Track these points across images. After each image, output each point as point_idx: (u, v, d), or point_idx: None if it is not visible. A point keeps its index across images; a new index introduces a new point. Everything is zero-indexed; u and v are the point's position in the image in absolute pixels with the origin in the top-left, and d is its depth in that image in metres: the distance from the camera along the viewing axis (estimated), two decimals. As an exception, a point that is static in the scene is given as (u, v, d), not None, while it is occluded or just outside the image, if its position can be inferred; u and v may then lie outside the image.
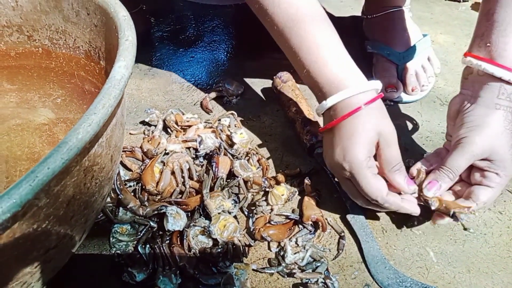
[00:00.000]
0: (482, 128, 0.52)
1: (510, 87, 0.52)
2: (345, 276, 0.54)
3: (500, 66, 0.51)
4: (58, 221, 0.41)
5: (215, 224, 0.56)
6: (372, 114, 0.53)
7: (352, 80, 0.54)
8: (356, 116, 0.53)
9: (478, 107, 0.54)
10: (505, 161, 0.52)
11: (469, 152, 0.53)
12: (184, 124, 0.72)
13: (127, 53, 0.46)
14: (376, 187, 0.52)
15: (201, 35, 1.00)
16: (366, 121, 0.52)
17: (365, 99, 0.53)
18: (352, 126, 0.53)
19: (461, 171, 0.54)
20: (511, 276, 0.54)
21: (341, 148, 0.53)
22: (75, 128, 0.37)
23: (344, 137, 0.53)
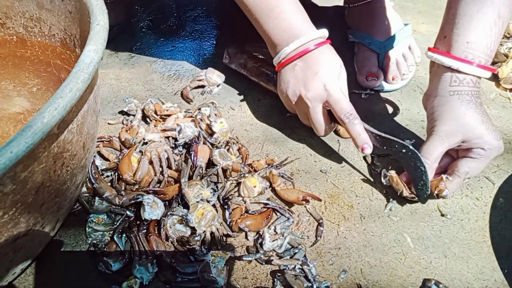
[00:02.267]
0: (444, 115, 0.57)
1: (461, 75, 0.56)
2: (322, 262, 0.54)
3: (449, 56, 0.56)
4: (27, 209, 0.40)
5: (193, 213, 0.55)
6: (328, 51, 0.62)
7: (306, 29, 0.61)
8: (315, 54, 0.61)
9: (437, 99, 0.58)
10: (482, 136, 0.55)
11: (438, 139, 0.57)
12: (164, 113, 0.71)
13: (97, 37, 0.45)
14: (349, 103, 0.60)
15: (183, 24, 0.99)
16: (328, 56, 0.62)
17: (316, 42, 0.61)
18: (317, 61, 0.61)
19: (435, 157, 0.58)
20: (486, 261, 0.55)
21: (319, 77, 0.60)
22: (40, 112, 0.36)
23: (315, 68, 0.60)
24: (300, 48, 0.61)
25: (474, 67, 0.55)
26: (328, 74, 0.60)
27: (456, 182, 0.58)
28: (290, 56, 0.62)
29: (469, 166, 0.57)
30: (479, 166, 0.57)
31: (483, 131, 0.55)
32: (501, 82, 0.82)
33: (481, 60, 0.55)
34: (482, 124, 0.55)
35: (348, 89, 0.80)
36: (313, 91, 0.60)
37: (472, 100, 0.55)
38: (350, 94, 0.80)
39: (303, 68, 0.61)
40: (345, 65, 0.86)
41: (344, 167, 0.66)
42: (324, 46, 0.62)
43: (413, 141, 0.70)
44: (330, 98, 0.60)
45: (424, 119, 0.74)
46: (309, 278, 0.51)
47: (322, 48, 0.61)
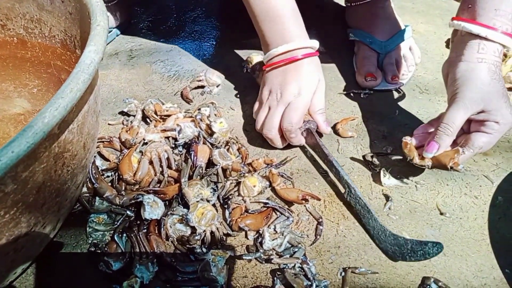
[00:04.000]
0: (471, 81, 0.55)
1: (489, 43, 0.55)
2: (322, 261, 0.54)
3: (477, 23, 0.55)
4: (28, 208, 0.40)
5: (193, 212, 0.56)
6: (312, 64, 0.64)
7: (297, 36, 0.64)
8: (300, 63, 0.63)
9: (462, 64, 0.57)
10: (500, 109, 0.55)
11: (462, 105, 0.55)
12: (163, 113, 0.71)
13: (98, 38, 0.45)
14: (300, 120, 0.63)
15: (183, 25, 0.99)
16: (310, 68, 0.64)
17: (305, 52, 0.63)
18: (299, 69, 0.63)
19: (457, 125, 0.56)
20: (484, 259, 0.55)
21: (297, 82, 0.63)
22: (41, 112, 0.36)
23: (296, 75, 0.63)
24: (288, 54, 0.64)
25: (502, 34, 0.54)
26: (306, 84, 0.63)
27: (468, 156, 0.57)
28: (278, 60, 0.65)
29: (483, 141, 0.56)
30: (492, 141, 0.57)
31: (502, 103, 0.55)
32: (499, 81, 0.82)
33: (508, 28, 0.55)
34: (502, 97, 0.55)
35: (348, 89, 0.81)
36: (287, 91, 0.63)
37: (497, 71, 0.55)
38: (350, 94, 0.80)
39: (285, 72, 0.64)
40: (345, 64, 0.87)
41: (344, 166, 0.67)
42: (311, 58, 0.64)
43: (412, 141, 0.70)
44: (292, 102, 0.63)
45: (423, 118, 0.75)
46: (308, 276, 0.51)
47: (308, 60, 0.64)
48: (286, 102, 0.64)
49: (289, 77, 0.64)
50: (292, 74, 0.64)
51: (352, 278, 0.53)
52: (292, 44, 0.63)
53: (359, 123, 0.74)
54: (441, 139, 0.57)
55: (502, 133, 0.57)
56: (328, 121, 0.67)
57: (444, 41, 0.95)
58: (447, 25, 1.00)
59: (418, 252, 0.53)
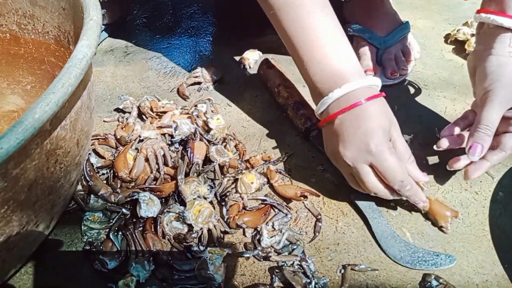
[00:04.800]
0: (504, 77, 0.53)
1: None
2: (321, 258, 0.54)
3: (508, 16, 0.53)
4: (19, 206, 0.39)
5: (190, 210, 0.55)
6: (377, 106, 0.52)
7: (352, 74, 0.53)
8: (364, 106, 0.51)
9: (493, 58, 0.55)
10: None
11: (498, 103, 0.53)
12: (159, 110, 0.70)
13: (90, 33, 0.44)
14: (402, 168, 0.51)
15: (179, 21, 0.98)
16: (376, 110, 0.52)
17: (367, 94, 0.52)
18: (364, 113, 0.51)
19: (496, 124, 0.54)
20: (485, 255, 0.54)
21: (363, 132, 0.51)
22: (32, 108, 0.35)
23: (361, 122, 0.51)
24: (346, 98, 0.52)
25: None
26: (374, 131, 0.50)
27: (500, 158, 0.55)
28: (336, 111, 0.53)
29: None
30: None
31: None
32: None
33: None
34: None
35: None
36: (352, 150, 0.52)
37: None
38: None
39: (344, 122, 0.52)
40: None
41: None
42: (377, 100, 0.53)
43: (411, 136, 0.69)
44: (375, 160, 0.51)
45: (422, 114, 0.74)
46: (307, 274, 0.51)
47: (373, 102, 0.52)
48: (362, 160, 0.51)
49: (350, 127, 0.52)
50: (354, 123, 0.51)
51: (352, 275, 0.52)
52: (349, 86, 0.52)
53: (357, 119, 0.73)
54: (483, 140, 0.54)
55: None
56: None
57: (443, 37, 0.94)
58: (446, 20, 1.00)
59: (429, 261, 0.53)
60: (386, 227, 0.56)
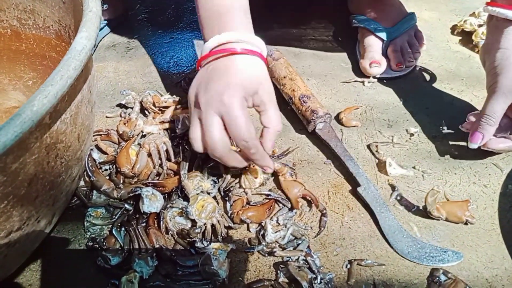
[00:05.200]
0: (507, 69, 0.54)
1: None
2: (326, 253, 0.53)
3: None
4: (19, 202, 0.39)
5: (193, 205, 0.54)
6: (252, 64, 0.50)
7: (238, 27, 0.52)
8: (236, 57, 0.49)
9: (500, 52, 0.56)
10: None
11: (501, 95, 0.55)
12: (162, 105, 0.70)
13: (90, 24, 0.43)
14: (249, 128, 0.48)
15: (181, 16, 0.97)
16: (247, 66, 0.49)
17: (246, 47, 0.50)
18: (233, 65, 0.49)
19: (499, 115, 0.56)
20: (495, 249, 0.53)
21: (223, 83, 0.48)
22: (29, 100, 0.34)
23: (227, 73, 0.49)
24: (225, 45, 0.50)
25: None
26: (233, 85, 0.47)
27: None
28: (208, 52, 0.51)
29: None
30: None
31: None
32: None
33: None
34: None
35: (351, 77, 0.79)
36: (208, 96, 0.48)
37: None
38: (353, 82, 0.78)
39: (213, 69, 0.50)
40: (347, 52, 0.84)
41: (348, 156, 0.65)
42: (254, 57, 0.50)
43: (417, 129, 0.68)
44: (226, 112, 0.47)
45: (428, 106, 0.73)
46: (313, 269, 0.50)
47: (249, 57, 0.50)
48: (214, 108, 0.47)
49: (215, 74, 0.49)
50: (221, 71, 0.49)
51: (358, 270, 0.51)
52: (229, 34, 0.50)
53: (363, 112, 0.72)
54: (484, 129, 0.57)
55: None
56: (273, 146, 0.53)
57: (449, 28, 0.92)
58: (452, 11, 0.98)
59: (437, 257, 0.52)
60: (393, 222, 0.55)
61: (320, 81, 0.78)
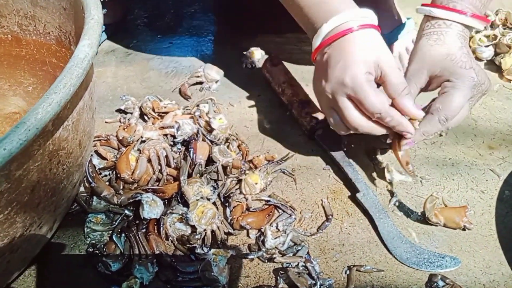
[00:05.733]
0: (411, 57, 0.57)
1: (434, 20, 0.55)
2: (326, 259, 0.53)
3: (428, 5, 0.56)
4: (22, 208, 0.39)
5: (193, 211, 0.54)
6: (369, 38, 0.51)
7: (344, 7, 0.52)
8: (351, 36, 0.50)
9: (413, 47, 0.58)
10: (446, 67, 0.53)
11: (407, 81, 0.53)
12: (161, 110, 0.70)
13: (91, 32, 0.44)
14: (380, 99, 0.49)
15: (180, 21, 0.97)
16: (364, 41, 0.50)
17: (361, 23, 0.50)
18: (349, 44, 0.50)
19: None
20: (492, 254, 0.53)
21: (342, 65, 0.49)
22: (34, 108, 0.35)
23: (344, 54, 0.50)
24: (339, 28, 0.50)
25: (447, 11, 0.53)
26: (353, 63, 0.49)
27: (429, 122, 0.53)
28: (325, 40, 0.52)
29: (439, 101, 0.53)
30: (449, 100, 0.52)
31: (447, 62, 0.52)
32: (504, 74, 0.81)
33: (457, 5, 0.53)
34: (446, 56, 0.52)
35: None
36: (332, 82, 0.50)
37: (440, 38, 0.53)
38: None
39: (330, 55, 0.51)
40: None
41: (346, 162, 0.65)
42: (368, 30, 0.51)
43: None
44: (353, 92, 0.49)
45: (427, 111, 0.73)
46: (312, 275, 0.50)
47: (364, 31, 0.50)
48: (340, 91, 0.50)
49: (333, 61, 0.50)
50: (336, 57, 0.50)
51: (357, 276, 0.51)
52: (340, 17, 0.50)
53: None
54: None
55: (463, 91, 0.51)
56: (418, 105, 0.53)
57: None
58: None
59: (435, 263, 0.52)
60: (392, 228, 0.55)
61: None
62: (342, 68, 0.49)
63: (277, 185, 0.62)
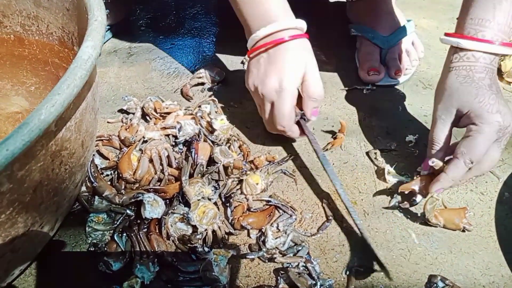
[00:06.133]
0: (440, 93, 0.57)
1: (462, 52, 0.55)
2: (326, 260, 0.53)
3: (453, 35, 0.56)
4: (24, 208, 0.39)
5: (194, 211, 0.55)
6: (300, 47, 0.58)
7: (281, 16, 0.58)
8: (285, 46, 0.57)
9: (439, 80, 0.59)
10: (473, 109, 0.53)
11: (437, 118, 0.57)
12: (163, 111, 0.70)
13: (95, 33, 0.44)
14: (290, 116, 0.59)
15: (182, 22, 0.98)
16: (295, 50, 0.57)
17: (291, 34, 0.57)
18: (283, 55, 0.57)
19: (441, 139, 0.57)
20: (492, 256, 0.54)
21: (277, 75, 0.57)
22: (37, 109, 0.35)
23: (278, 64, 0.57)
24: (272, 36, 0.57)
25: (475, 42, 0.53)
26: (286, 72, 0.57)
27: (455, 166, 0.53)
28: (260, 44, 0.58)
29: (464, 145, 0.53)
30: (473, 144, 0.52)
31: (475, 104, 0.52)
32: (504, 76, 0.81)
33: (486, 35, 0.53)
34: (475, 97, 0.53)
35: (350, 85, 0.80)
36: (267, 88, 0.58)
37: (469, 75, 0.54)
38: (352, 89, 0.79)
39: (266, 60, 0.59)
40: (347, 60, 0.86)
41: (347, 163, 0.66)
42: (299, 40, 0.58)
43: (416, 136, 0.69)
44: (277, 99, 0.58)
45: (427, 113, 0.74)
46: (313, 275, 0.50)
47: (295, 42, 0.57)
48: (270, 100, 0.59)
49: (269, 68, 0.58)
50: (272, 64, 0.57)
51: (357, 277, 0.52)
52: (275, 25, 0.56)
53: (362, 119, 0.73)
54: (429, 155, 0.58)
55: (486, 136, 0.52)
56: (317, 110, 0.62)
57: (447, 36, 0.94)
58: (450, 20, 0.99)
59: None
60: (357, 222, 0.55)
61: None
62: (278, 79, 0.57)
63: (278, 186, 0.62)
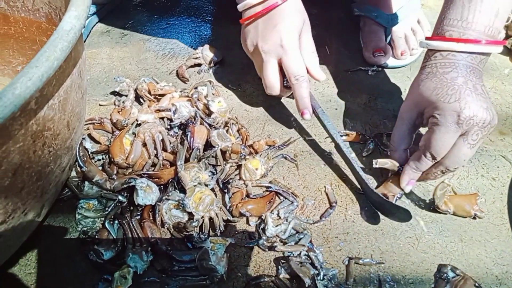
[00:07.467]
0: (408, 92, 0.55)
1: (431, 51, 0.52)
2: (329, 248, 0.50)
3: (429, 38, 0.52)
4: (3, 193, 0.36)
5: (190, 197, 0.52)
6: (292, 5, 0.58)
7: None
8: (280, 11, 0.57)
9: None
10: (432, 103, 0.49)
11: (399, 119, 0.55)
12: (158, 93, 0.67)
13: (79, 3, 0.40)
14: (302, 64, 0.58)
15: (178, 1, 0.93)
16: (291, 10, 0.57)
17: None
18: (279, 18, 0.57)
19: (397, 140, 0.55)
20: (505, 244, 0.51)
21: (277, 31, 0.57)
22: (12, 83, 0.31)
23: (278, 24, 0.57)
24: (265, 3, 0.57)
25: (442, 42, 0.50)
26: (288, 29, 0.57)
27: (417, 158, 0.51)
28: (254, 12, 0.58)
29: (423, 138, 0.51)
30: (432, 138, 0.49)
31: (432, 97, 0.49)
32: (516, 57, 0.77)
33: (453, 33, 0.49)
34: (433, 90, 0.49)
35: (355, 66, 0.77)
36: (269, 44, 0.58)
37: (433, 71, 0.51)
38: (357, 71, 0.75)
39: (264, 20, 0.59)
40: (351, 41, 0.82)
41: (352, 147, 0.62)
42: (291, 0, 0.58)
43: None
44: (285, 55, 0.58)
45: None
46: (315, 265, 0.48)
47: (288, 2, 0.58)
48: (275, 55, 0.59)
49: (269, 24, 0.58)
50: (272, 21, 0.58)
51: (363, 266, 0.49)
52: None
53: (367, 101, 0.70)
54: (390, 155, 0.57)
55: (447, 127, 0.47)
56: None
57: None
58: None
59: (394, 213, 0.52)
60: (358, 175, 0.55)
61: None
62: (279, 32, 0.57)
63: (279, 171, 0.59)
